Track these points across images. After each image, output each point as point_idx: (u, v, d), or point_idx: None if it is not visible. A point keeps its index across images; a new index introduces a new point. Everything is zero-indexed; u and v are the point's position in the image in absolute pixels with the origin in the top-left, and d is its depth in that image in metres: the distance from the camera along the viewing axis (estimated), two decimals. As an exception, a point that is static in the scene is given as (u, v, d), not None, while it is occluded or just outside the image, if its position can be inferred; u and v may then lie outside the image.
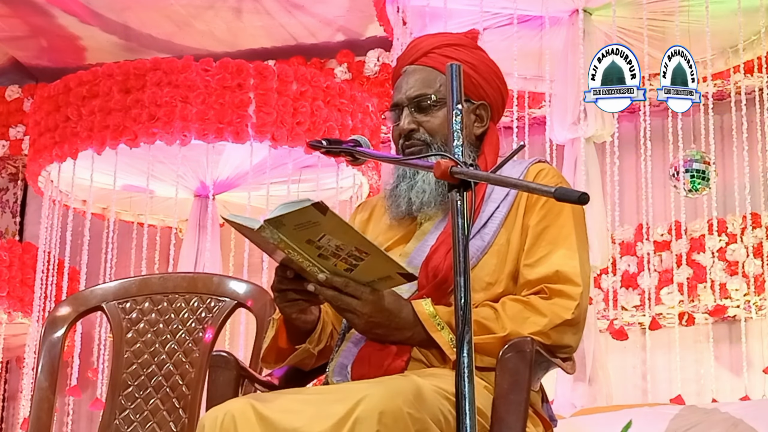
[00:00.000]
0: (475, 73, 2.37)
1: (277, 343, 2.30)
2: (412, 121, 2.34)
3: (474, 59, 2.38)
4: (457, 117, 1.96)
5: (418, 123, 2.34)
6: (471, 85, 2.34)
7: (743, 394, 5.91)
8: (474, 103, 2.37)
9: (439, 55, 2.37)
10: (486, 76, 2.39)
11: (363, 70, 7.77)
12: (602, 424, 4.47)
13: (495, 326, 2.16)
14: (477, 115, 2.38)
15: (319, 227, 1.99)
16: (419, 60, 2.39)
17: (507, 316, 2.17)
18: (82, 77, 6.23)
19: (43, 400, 2.71)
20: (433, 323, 2.16)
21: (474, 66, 2.37)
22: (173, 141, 6.03)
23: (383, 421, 1.90)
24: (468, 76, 2.31)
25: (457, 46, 2.40)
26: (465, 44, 2.41)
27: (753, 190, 6.26)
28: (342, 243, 2.02)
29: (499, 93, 2.41)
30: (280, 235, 2.01)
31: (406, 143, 2.35)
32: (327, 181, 6.60)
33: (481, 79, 2.38)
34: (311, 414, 1.99)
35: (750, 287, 6.25)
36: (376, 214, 2.47)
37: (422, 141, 2.33)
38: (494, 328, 2.16)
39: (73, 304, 2.85)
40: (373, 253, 2.04)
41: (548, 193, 1.80)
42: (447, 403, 2.00)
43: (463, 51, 2.39)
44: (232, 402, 2.08)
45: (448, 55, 2.35)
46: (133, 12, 7.70)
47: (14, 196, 8.78)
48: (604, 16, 5.95)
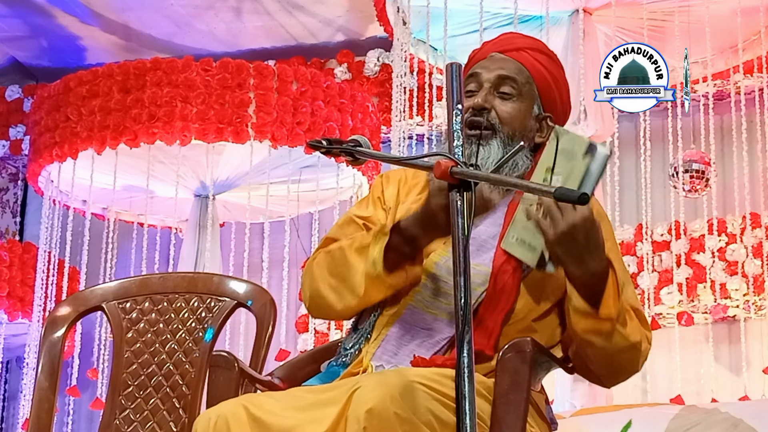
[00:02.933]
0: (555, 87, 2.38)
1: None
2: (489, 100, 2.29)
3: (558, 75, 2.40)
4: (457, 117, 1.95)
5: (493, 105, 2.30)
6: (548, 96, 2.36)
7: (743, 394, 5.91)
8: (543, 113, 2.36)
9: (531, 57, 2.37)
10: (562, 95, 2.40)
11: (363, 70, 7.77)
12: (602, 424, 4.48)
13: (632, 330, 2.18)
14: (541, 124, 2.36)
15: (571, 161, 2.04)
16: (510, 53, 2.37)
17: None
18: (82, 77, 6.24)
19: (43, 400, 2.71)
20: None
21: (556, 80, 2.38)
22: (173, 141, 6.03)
23: (370, 420, 1.90)
24: (548, 85, 2.35)
25: (549, 56, 2.41)
26: (554, 59, 2.42)
27: (753, 190, 6.26)
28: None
29: (565, 113, 2.43)
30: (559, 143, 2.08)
31: (473, 118, 2.28)
32: (327, 181, 6.60)
33: (558, 96, 2.38)
34: (304, 416, 1.99)
35: (750, 287, 6.25)
36: (405, 189, 2.40)
37: (490, 123, 2.28)
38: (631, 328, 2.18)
39: (73, 304, 2.84)
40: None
41: (548, 194, 1.80)
42: (438, 404, 1.98)
43: (552, 64, 2.40)
44: (225, 404, 2.08)
45: (539, 60, 2.37)
46: (133, 12, 7.70)
47: (14, 196, 8.78)
48: (604, 16, 5.95)
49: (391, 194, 2.40)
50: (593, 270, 2.09)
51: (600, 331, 2.13)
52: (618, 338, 2.14)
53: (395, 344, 2.21)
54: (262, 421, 1.99)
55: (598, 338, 2.14)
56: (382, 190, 2.42)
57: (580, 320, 2.14)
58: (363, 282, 2.21)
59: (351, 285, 2.23)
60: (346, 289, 2.24)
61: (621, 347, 2.16)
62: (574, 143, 2.05)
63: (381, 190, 2.42)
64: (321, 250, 2.35)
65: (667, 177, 5.92)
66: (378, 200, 2.41)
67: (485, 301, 2.18)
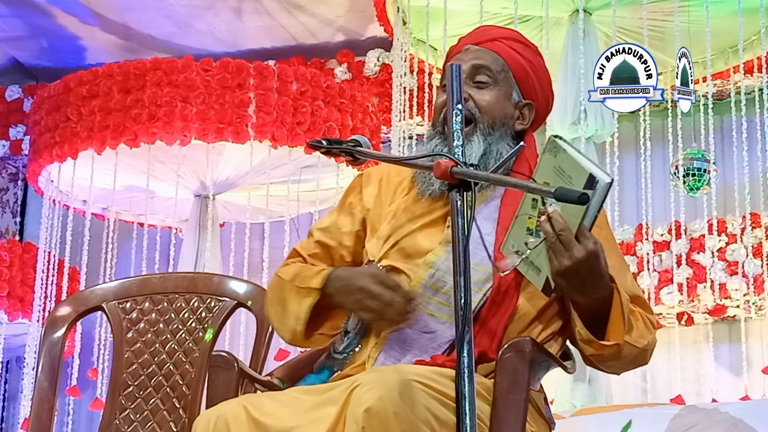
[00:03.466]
0: (533, 74, 2.38)
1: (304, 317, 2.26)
2: (465, 91, 2.26)
3: (536, 63, 2.40)
4: (457, 117, 1.95)
5: (470, 95, 2.30)
6: (526, 83, 2.36)
7: (743, 394, 5.91)
8: (523, 101, 2.37)
9: (506, 46, 2.38)
10: (541, 82, 2.40)
11: (363, 70, 7.77)
12: (602, 424, 4.47)
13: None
14: (521, 112, 2.36)
15: (569, 186, 1.95)
16: (485, 43, 2.38)
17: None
18: (82, 77, 6.24)
19: (43, 400, 2.71)
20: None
21: (534, 68, 2.39)
22: (173, 141, 6.03)
23: (368, 420, 1.89)
24: (526, 73, 2.35)
25: (525, 45, 2.41)
26: (531, 47, 2.43)
27: (753, 190, 6.26)
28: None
29: (546, 101, 2.42)
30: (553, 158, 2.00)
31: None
32: (327, 181, 6.60)
33: (536, 82, 2.39)
34: (303, 417, 1.98)
35: (750, 287, 6.25)
36: (390, 188, 2.39)
37: (470, 113, 2.28)
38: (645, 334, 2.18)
39: (73, 304, 2.85)
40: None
41: (548, 193, 1.80)
42: (436, 403, 1.98)
43: (528, 51, 2.40)
44: (224, 404, 2.08)
45: (514, 48, 2.37)
46: (133, 12, 7.70)
47: (15, 196, 8.78)
48: (604, 16, 5.96)
49: (371, 194, 2.38)
50: (597, 297, 2.10)
51: (608, 354, 2.15)
52: (627, 350, 2.15)
53: (399, 350, 2.19)
54: (262, 423, 1.99)
55: (607, 359, 2.17)
56: (359, 191, 2.40)
57: (586, 347, 2.16)
58: (288, 332, 2.29)
59: (283, 326, 2.30)
60: (285, 328, 2.30)
61: (631, 357, 2.18)
62: (573, 170, 1.96)
63: (358, 191, 2.41)
64: (284, 264, 2.39)
65: (668, 177, 5.92)
66: (349, 205, 2.39)
67: (488, 303, 2.18)
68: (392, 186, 2.37)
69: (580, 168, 1.95)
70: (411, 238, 2.27)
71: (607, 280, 2.09)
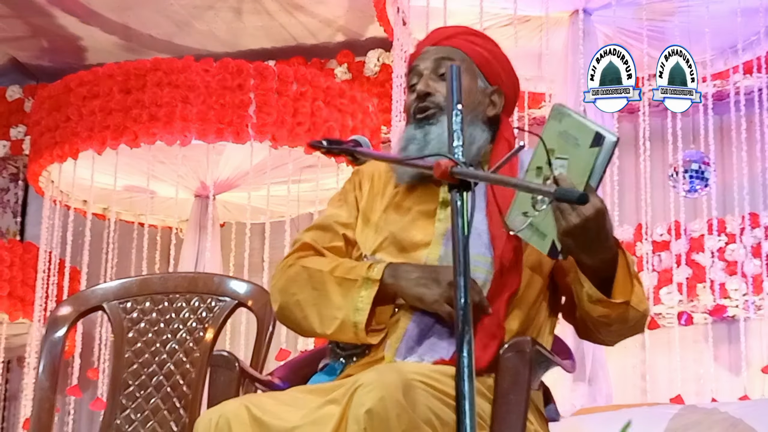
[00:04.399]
0: (494, 59, 2.41)
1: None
2: (430, 85, 2.35)
3: (496, 51, 2.44)
4: (457, 117, 1.96)
5: (436, 89, 2.35)
6: (489, 70, 2.39)
7: (742, 393, 5.91)
8: (490, 86, 2.39)
9: (463, 40, 2.42)
10: (504, 66, 2.43)
11: (363, 71, 7.77)
12: (602, 424, 4.47)
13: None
14: (491, 98, 2.39)
15: (575, 148, 1.99)
16: (442, 42, 2.42)
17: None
18: (82, 77, 6.24)
19: (44, 400, 2.72)
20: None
21: (495, 55, 2.42)
22: (173, 141, 6.04)
23: (369, 421, 1.90)
24: (487, 60, 2.39)
25: (482, 37, 2.46)
26: (487, 38, 2.47)
27: (752, 190, 6.26)
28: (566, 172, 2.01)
29: (513, 85, 2.45)
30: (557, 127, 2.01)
31: (419, 105, 2.34)
32: (327, 181, 6.60)
33: (500, 67, 2.42)
34: (306, 418, 1.99)
35: (749, 287, 6.25)
36: (381, 182, 2.42)
37: (436, 104, 2.33)
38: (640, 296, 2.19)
39: (74, 303, 2.85)
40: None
41: (548, 194, 1.81)
42: (438, 402, 1.99)
43: (486, 41, 2.45)
44: (226, 404, 2.08)
45: (471, 41, 2.41)
46: (133, 12, 7.70)
47: (15, 196, 8.78)
48: (604, 16, 5.95)
49: (366, 190, 2.42)
50: (604, 257, 2.12)
51: (615, 314, 2.16)
52: (632, 313, 2.17)
53: (416, 341, 2.20)
54: (264, 422, 1.99)
55: (614, 320, 2.18)
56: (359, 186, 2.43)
57: (594, 307, 2.17)
58: (335, 323, 2.21)
59: (322, 317, 2.24)
60: (316, 319, 2.25)
61: (634, 321, 2.19)
62: (579, 131, 2.00)
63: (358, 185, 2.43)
64: (298, 256, 2.34)
65: (667, 177, 5.92)
66: (355, 200, 2.41)
67: (492, 290, 2.20)
68: (383, 181, 2.41)
69: (585, 128, 1.99)
70: (404, 230, 2.29)
71: (612, 241, 2.11)
